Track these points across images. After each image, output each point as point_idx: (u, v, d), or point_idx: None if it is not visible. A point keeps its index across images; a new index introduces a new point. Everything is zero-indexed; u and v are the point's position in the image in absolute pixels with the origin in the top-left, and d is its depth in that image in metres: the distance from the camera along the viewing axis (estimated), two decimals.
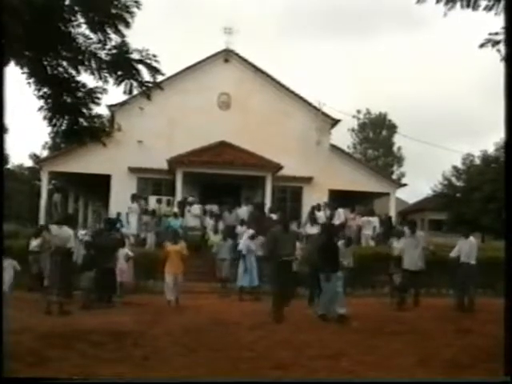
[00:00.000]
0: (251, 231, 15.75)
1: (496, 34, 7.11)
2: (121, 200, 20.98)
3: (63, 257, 11.40)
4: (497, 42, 7.17)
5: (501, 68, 5.84)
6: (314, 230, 18.13)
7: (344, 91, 73.73)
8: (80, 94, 7.37)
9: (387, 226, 20.71)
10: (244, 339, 8.70)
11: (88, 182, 24.31)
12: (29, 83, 7.19)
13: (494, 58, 6.95)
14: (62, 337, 8.37)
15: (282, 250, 10.64)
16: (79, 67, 7.19)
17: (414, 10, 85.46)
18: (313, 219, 19.07)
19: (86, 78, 7.41)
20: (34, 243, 15.51)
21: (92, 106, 7.50)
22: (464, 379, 6.33)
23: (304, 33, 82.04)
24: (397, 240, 14.80)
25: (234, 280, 15.09)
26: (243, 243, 15.08)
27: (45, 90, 7.29)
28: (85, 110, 7.48)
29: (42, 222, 21.97)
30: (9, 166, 38.39)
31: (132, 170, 22.68)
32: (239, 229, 17.88)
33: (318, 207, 20.60)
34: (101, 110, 8.31)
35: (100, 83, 7.29)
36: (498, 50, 7.14)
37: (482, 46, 7.37)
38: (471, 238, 12.72)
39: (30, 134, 56.58)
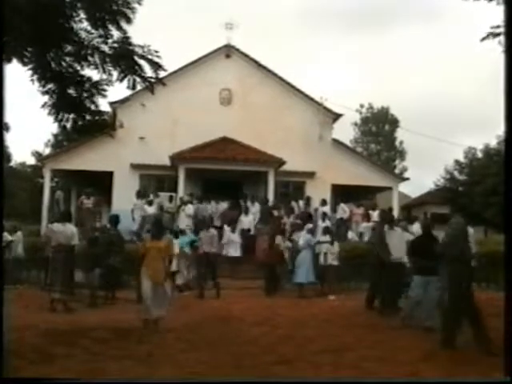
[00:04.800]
0: (310, 225, 15.48)
1: (497, 26, 7.08)
2: (123, 197, 20.95)
3: (66, 254, 11.41)
4: (498, 35, 7.14)
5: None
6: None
7: (350, 85, 73.57)
8: (85, 88, 7.38)
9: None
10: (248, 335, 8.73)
11: (90, 179, 24.29)
12: (32, 80, 7.19)
13: (500, 52, 6.90)
14: (66, 334, 8.39)
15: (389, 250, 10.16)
16: (83, 62, 7.20)
17: (423, 5, 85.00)
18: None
19: (90, 73, 7.44)
20: None
21: (98, 98, 7.52)
22: (464, 379, 6.31)
23: (312, 28, 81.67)
24: None
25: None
26: (303, 237, 14.79)
27: (50, 85, 7.30)
28: (91, 104, 7.48)
29: (44, 219, 22.01)
30: (11, 163, 38.47)
31: (134, 166, 22.64)
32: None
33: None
34: (102, 106, 8.29)
35: (104, 76, 7.31)
36: (500, 43, 7.11)
37: (483, 39, 7.35)
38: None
39: (33, 132, 56.68)
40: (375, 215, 20.34)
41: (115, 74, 7.29)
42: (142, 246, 9.66)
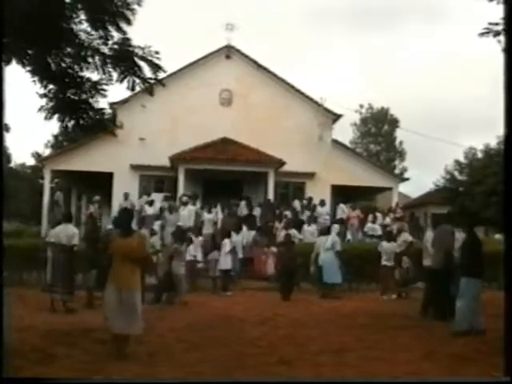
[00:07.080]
0: (337, 226, 15.35)
1: (496, 24, 7.07)
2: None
3: (67, 254, 11.41)
4: (498, 34, 7.13)
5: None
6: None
7: (350, 86, 73.67)
8: (86, 88, 7.38)
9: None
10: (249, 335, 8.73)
11: (90, 179, 24.32)
12: (34, 81, 7.20)
13: (499, 50, 6.88)
14: (66, 334, 8.38)
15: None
16: (82, 63, 7.22)
17: (424, 6, 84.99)
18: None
19: (90, 75, 7.45)
20: None
21: (98, 98, 7.52)
22: (464, 379, 6.32)
23: (312, 28, 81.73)
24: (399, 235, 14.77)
25: None
26: (331, 239, 14.47)
27: (50, 86, 7.31)
28: (92, 103, 7.49)
29: (44, 220, 22.01)
30: (11, 164, 38.47)
31: (134, 167, 22.67)
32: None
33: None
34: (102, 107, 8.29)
35: (104, 77, 7.32)
36: (499, 41, 7.10)
37: (481, 34, 7.32)
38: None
39: (33, 133, 56.82)
40: (388, 219, 20.47)
41: (115, 75, 7.31)
42: (111, 247, 7.64)
